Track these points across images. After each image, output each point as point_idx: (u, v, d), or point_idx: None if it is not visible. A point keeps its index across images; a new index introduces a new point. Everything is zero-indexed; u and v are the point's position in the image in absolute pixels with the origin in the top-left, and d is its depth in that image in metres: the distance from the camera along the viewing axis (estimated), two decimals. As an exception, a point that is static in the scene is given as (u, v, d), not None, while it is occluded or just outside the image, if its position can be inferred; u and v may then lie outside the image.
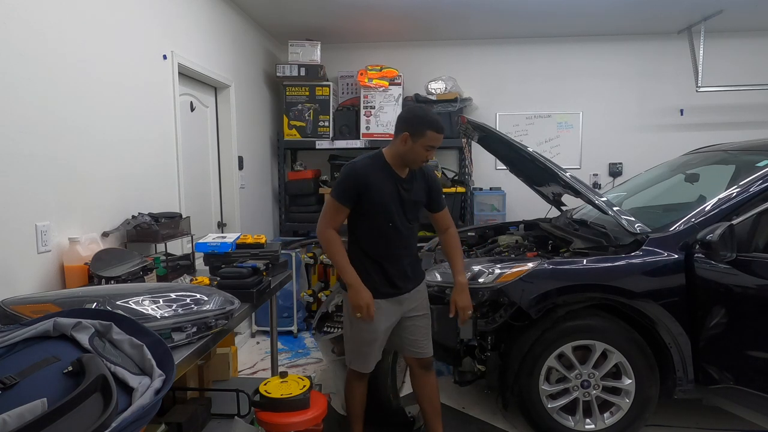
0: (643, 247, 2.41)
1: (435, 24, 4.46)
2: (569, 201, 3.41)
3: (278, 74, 4.51)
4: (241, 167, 3.97)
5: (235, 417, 2.14)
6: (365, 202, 2.08)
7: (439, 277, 2.63)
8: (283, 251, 2.76)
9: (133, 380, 1.11)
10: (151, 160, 2.74)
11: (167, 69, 2.90)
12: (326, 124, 4.60)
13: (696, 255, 2.34)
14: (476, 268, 2.56)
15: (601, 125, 4.98)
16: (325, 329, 3.03)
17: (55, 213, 2.03)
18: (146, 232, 2.38)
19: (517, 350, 2.49)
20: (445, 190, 4.49)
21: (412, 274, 2.23)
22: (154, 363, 1.18)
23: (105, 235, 2.29)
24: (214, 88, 3.73)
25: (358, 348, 2.21)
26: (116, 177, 2.43)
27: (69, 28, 2.12)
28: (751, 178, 2.42)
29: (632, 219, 2.52)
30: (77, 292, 1.57)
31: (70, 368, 1.06)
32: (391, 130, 4.48)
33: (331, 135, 4.61)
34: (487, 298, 2.46)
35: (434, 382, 2.34)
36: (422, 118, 2.06)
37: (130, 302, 1.48)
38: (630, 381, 2.43)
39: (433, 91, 4.66)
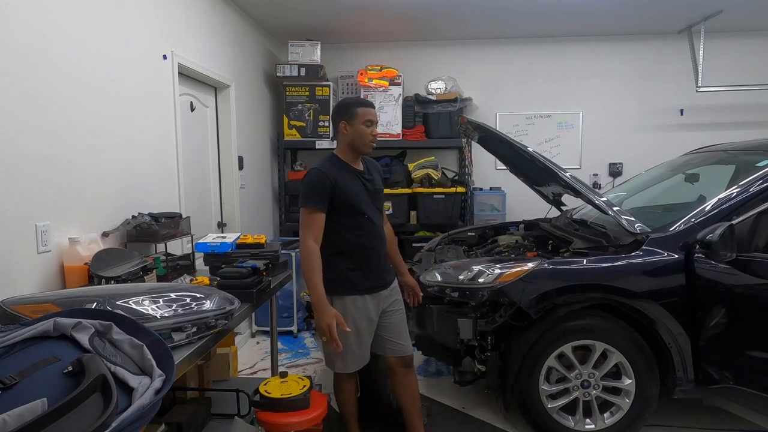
0: (643, 247, 2.41)
1: (435, 24, 4.46)
2: (569, 201, 3.41)
3: (278, 74, 4.52)
4: (241, 167, 3.97)
5: (235, 417, 2.14)
6: (338, 200, 2.11)
7: (439, 277, 2.63)
8: (283, 251, 2.76)
9: (133, 380, 1.11)
10: (151, 160, 2.74)
11: (167, 69, 2.90)
12: (326, 124, 4.60)
13: (696, 255, 2.34)
14: (476, 268, 2.56)
15: (601, 125, 4.98)
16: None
17: (55, 213, 2.03)
18: (146, 232, 2.38)
19: (517, 350, 2.48)
20: (445, 190, 4.53)
21: (389, 267, 2.33)
22: (154, 363, 1.17)
23: (105, 235, 2.29)
24: (214, 88, 3.73)
25: (343, 354, 2.16)
26: (116, 177, 2.43)
27: (69, 28, 2.12)
28: (751, 178, 2.42)
29: (632, 219, 2.51)
30: (77, 292, 1.57)
31: (70, 368, 1.06)
32: (392, 130, 4.58)
33: (331, 135, 4.60)
34: (487, 298, 2.46)
35: (415, 380, 2.35)
36: (346, 103, 2.20)
37: (130, 302, 1.48)
38: (630, 381, 2.43)
39: (433, 91, 4.67)
